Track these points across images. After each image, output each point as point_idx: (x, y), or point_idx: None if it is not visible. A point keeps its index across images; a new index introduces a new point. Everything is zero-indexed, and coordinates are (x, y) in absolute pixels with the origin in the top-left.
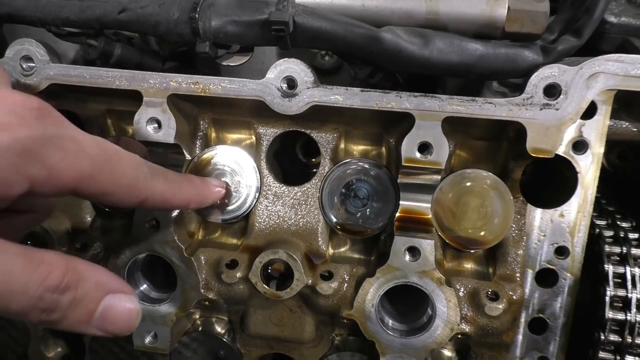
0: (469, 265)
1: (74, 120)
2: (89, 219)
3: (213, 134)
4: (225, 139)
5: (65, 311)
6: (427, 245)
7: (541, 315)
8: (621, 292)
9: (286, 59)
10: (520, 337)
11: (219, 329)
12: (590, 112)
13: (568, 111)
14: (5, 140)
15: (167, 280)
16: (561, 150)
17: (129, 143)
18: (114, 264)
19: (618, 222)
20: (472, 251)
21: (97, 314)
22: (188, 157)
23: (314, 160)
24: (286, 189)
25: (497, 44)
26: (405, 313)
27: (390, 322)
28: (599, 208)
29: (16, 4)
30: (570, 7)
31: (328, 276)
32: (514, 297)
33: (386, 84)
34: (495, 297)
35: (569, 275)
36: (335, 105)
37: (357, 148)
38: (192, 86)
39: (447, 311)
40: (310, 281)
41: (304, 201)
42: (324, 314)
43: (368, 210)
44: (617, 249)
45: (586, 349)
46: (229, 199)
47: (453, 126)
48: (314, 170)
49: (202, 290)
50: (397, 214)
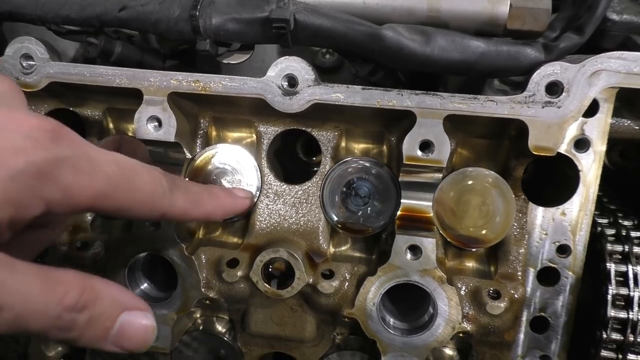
0: (470, 264)
1: (74, 119)
2: (89, 217)
3: (214, 133)
4: (225, 138)
5: (82, 329)
6: (429, 244)
7: (543, 313)
8: (623, 291)
9: (287, 57)
10: (521, 335)
11: (219, 328)
12: (592, 110)
13: (570, 109)
14: (21, 164)
15: (168, 279)
16: (563, 149)
17: (130, 142)
18: (114, 263)
19: (620, 221)
20: (474, 250)
21: (113, 331)
22: (188, 155)
23: (314, 158)
24: (287, 188)
25: (498, 42)
26: (407, 312)
27: (391, 320)
28: (600, 206)
29: (16, 2)
30: (572, 5)
31: (329, 275)
32: (516, 296)
33: (387, 82)
34: (496, 296)
35: (570, 273)
36: (336, 103)
37: (358, 146)
38: (193, 84)
39: (449, 310)
40: (311, 280)
41: (304, 200)
42: (325, 312)
43: (369, 208)
44: (619, 248)
45: (588, 348)
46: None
47: (454, 124)
48: (315, 168)
49: (202, 289)
50: (398, 213)
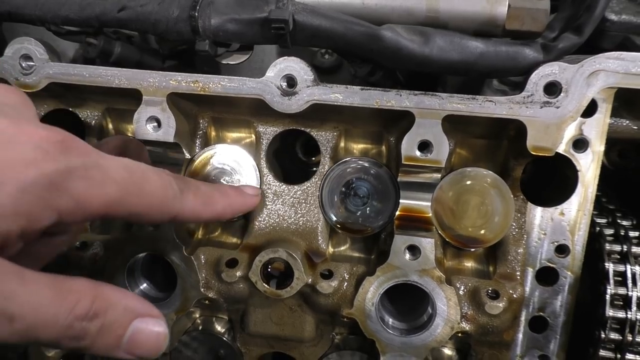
0: (469, 264)
1: (73, 120)
2: None
3: (213, 133)
4: (225, 138)
5: (94, 338)
6: (427, 244)
7: (541, 313)
8: (622, 290)
9: (286, 57)
10: (520, 335)
11: (219, 328)
12: (590, 110)
13: (568, 109)
14: (32, 176)
15: (167, 279)
16: (561, 149)
17: (136, 144)
18: (113, 264)
19: (618, 221)
20: (472, 250)
21: (125, 338)
22: (188, 155)
23: (313, 159)
24: (286, 188)
25: (497, 42)
26: (406, 312)
27: (390, 320)
28: (599, 206)
29: (16, 2)
30: (571, 5)
31: (328, 275)
32: (514, 296)
33: (386, 82)
34: (495, 296)
35: (569, 273)
36: (335, 103)
37: (357, 147)
38: (192, 85)
39: (448, 310)
40: (310, 280)
41: (303, 200)
42: (324, 312)
43: (368, 208)
44: (617, 247)
45: (587, 347)
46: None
47: (453, 124)
48: (314, 169)
49: (202, 289)
50: (397, 213)
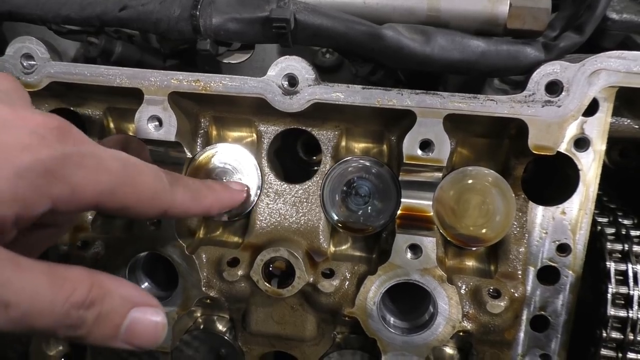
0: (470, 263)
1: (74, 119)
2: (89, 217)
3: (214, 132)
4: (226, 137)
5: (91, 327)
6: (429, 243)
7: (543, 312)
8: (623, 290)
9: (287, 56)
10: (521, 334)
11: (220, 327)
12: (592, 109)
13: (570, 108)
14: (27, 161)
15: (169, 278)
16: (563, 148)
17: (136, 144)
18: (115, 263)
19: (620, 220)
20: (474, 249)
21: (123, 328)
22: (189, 155)
23: (315, 158)
24: (287, 187)
25: (498, 41)
26: (407, 311)
27: (391, 319)
28: (600, 205)
29: (17, 1)
30: (572, 4)
31: (329, 274)
32: (516, 295)
33: (387, 81)
34: (496, 295)
35: (570, 272)
36: (337, 102)
37: (359, 146)
38: (193, 84)
39: (449, 309)
40: (311, 279)
41: (305, 199)
42: (325, 311)
43: (369, 208)
44: (618, 246)
45: (588, 347)
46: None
47: (454, 123)
48: (315, 168)
49: (203, 289)
50: (399, 212)
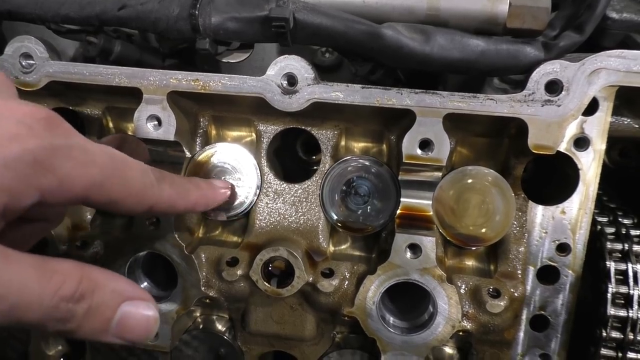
0: (470, 263)
1: (73, 118)
2: (89, 217)
3: (213, 132)
4: (225, 137)
5: (81, 320)
6: (428, 243)
7: (542, 312)
8: (623, 289)
9: (286, 55)
10: (521, 334)
11: (219, 326)
12: (591, 108)
13: (570, 107)
14: (15, 151)
15: (168, 278)
16: (563, 147)
17: (131, 142)
18: (114, 262)
19: (620, 219)
20: (473, 248)
21: (114, 322)
22: (188, 154)
23: (314, 157)
24: (287, 187)
25: (498, 40)
26: (407, 310)
27: (391, 319)
28: (600, 205)
29: (16, 1)
30: (572, 3)
31: (329, 274)
32: (515, 294)
33: (387, 80)
34: (496, 294)
35: (570, 272)
36: (336, 102)
37: (358, 145)
38: (192, 83)
39: (449, 308)
40: (311, 279)
41: (304, 199)
42: (324, 311)
43: (369, 207)
44: (618, 246)
45: (588, 346)
46: (233, 199)
47: (454, 123)
48: (315, 167)
49: (202, 288)
50: (398, 211)
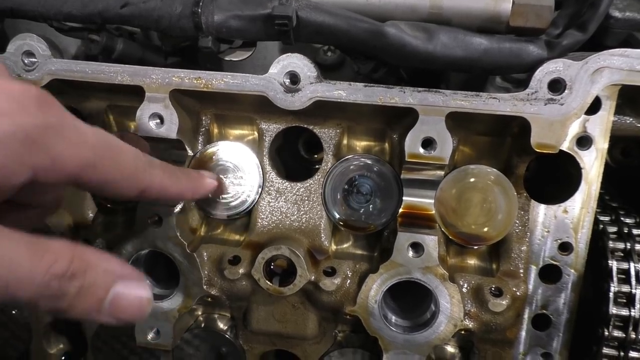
0: (472, 261)
1: (76, 116)
2: (90, 215)
3: (215, 130)
4: (227, 135)
5: (73, 299)
6: (431, 241)
7: (545, 311)
8: (625, 288)
9: (289, 54)
10: (523, 333)
11: (221, 325)
12: (594, 107)
13: (572, 106)
14: (7, 128)
15: (170, 276)
16: (565, 146)
17: (132, 139)
18: None
19: (622, 218)
20: (476, 247)
21: (106, 301)
22: (190, 152)
23: (316, 156)
24: (289, 185)
25: (501, 39)
26: (409, 309)
27: (393, 318)
28: (602, 204)
29: None
30: (575, 2)
31: (331, 272)
32: (518, 293)
33: (390, 79)
34: (498, 293)
35: (572, 271)
36: (339, 100)
37: (360, 144)
38: (195, 81)
39: (451, 307)
40: (313, 277)
41: (306, 197)
42: (326, 310)
43: (371, 206)
44: (621, 245)
45: (590, 345)
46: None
47: (457, 122)
48: (317, 166)
49: (204, 287)
50: (400, 210)
